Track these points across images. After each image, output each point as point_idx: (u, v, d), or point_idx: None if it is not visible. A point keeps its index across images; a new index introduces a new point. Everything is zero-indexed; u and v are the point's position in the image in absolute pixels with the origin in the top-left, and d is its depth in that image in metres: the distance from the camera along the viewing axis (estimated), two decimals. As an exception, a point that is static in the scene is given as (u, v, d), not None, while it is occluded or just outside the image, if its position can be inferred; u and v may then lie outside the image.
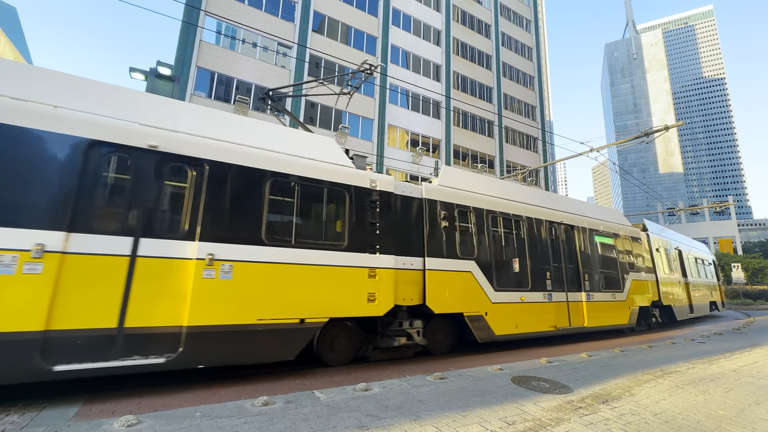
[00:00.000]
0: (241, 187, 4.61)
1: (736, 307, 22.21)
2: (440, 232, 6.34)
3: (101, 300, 3.65)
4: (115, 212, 3.92)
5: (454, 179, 7.08)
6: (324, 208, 5.28)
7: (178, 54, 18.62)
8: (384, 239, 5.61)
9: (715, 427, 3.09)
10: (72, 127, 3.81)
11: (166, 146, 4.25)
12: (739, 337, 8.79)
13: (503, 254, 7.22)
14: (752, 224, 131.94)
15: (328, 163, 5.50)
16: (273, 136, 5.27)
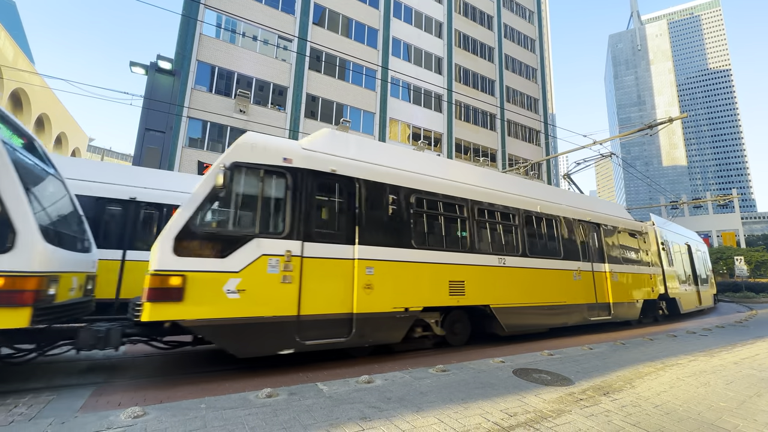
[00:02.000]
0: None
1: (738, 300, 22.20)
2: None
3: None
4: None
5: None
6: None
7: (178, 48, 18.53)
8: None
9: (716, 418, 3.11)
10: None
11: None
12: (741, 330, 8.80)
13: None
14: (756, 217, 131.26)
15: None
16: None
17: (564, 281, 8.04)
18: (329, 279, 4.97)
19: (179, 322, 3.98)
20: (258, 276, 4.45)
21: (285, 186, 4.94)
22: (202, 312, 4.07)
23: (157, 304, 3.86)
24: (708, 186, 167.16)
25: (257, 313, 4.36)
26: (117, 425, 2.57)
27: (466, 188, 6.90)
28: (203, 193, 4.40)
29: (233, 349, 4.21)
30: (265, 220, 4.73)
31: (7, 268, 3.25)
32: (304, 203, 4.98)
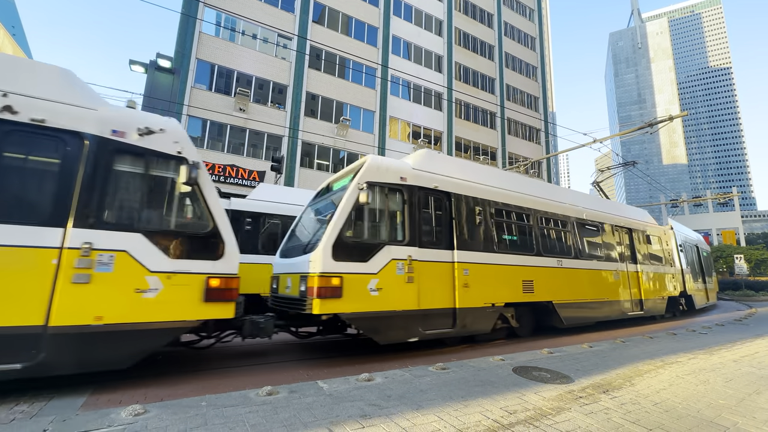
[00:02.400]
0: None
1: (738, 298, 22.22)
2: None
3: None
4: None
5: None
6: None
7: (178, 46, 18.49)
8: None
9: (715, 416, 3.12)
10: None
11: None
12: (740, 328, 8.81)
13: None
14: (756, 215, 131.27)
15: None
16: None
17: (607, 280, 9.04)
18: (437, 279, 5.89)
19: (340, 315, 4.91)
20: (390, 277, 5.39)
21: (402, 200, 5.87)
22: (355, 306, 5.02)
23: (324, 300, 4.77)
24: (708, 184, 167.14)
25: (391, 307, 5.30)
26: (118, 423, 2.58)
27: (532, 199, 7.92)
28: (349, 207, 5.27)
29: (377, 337, 5.18)
30: (391, 230, 5.72)
31: (222, 271, 4.25)
32: (416, 215, 5.92)
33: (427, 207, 6.17)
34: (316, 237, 5.41)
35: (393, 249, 5.52)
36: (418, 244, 5.79)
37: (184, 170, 4.11)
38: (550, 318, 7.76)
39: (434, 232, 6.14)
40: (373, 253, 5.33)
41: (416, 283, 5.59)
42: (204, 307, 4.11)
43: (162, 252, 4.01)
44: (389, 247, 5.49)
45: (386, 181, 5.78)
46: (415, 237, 5.78)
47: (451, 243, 6.22)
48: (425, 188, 6.16)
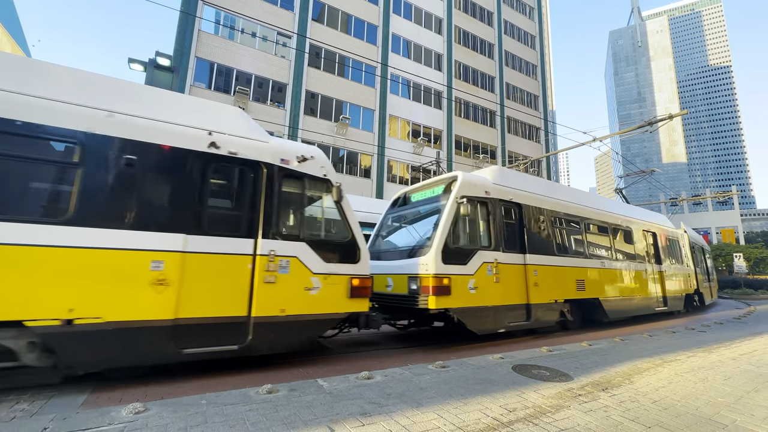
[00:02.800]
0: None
1: (737, 296, 22.27)
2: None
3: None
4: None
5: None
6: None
7: (177, 44, 18.45)
8: None
9: (714, 413, 3.13)
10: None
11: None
12: (739, 326, 8.83)
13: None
14: (755, 214, 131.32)
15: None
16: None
17: (639, 279, 10.09)
18: (515, 279, 6.85)
19: (450, 309, 5.83)
20: (483, 277, 6.33)
21: (487, 211, 6.82)
22: (459, 302, 5.95)
23: (438, 297, 5.69)
24: (708, 183, 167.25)
25: (485, 303, 6.29)
26: (118, 421, 2.58)
27: (581, 208, 9.04)
28: (451, 218, 6.18)
29: (474, 328, 6.15)
30: (481, 238, 6.65)
31: (359, 273, 5.19)
32: (498, 224, 6.87)
33: (505, 217, 7.15)
34: (420, 243, 6.41)
35: (483, 253, 6.52)
36: (501, 248, 6.82)
37: (331, 190, 5.24)
38: (595, 313, 8.75)
39: (511, 239, 7.14)
40: (470, 257, 6.31)
41: (501, 282, 6.62)
42: (349, 301, 5.10)
43: (320, 257, 4.93)
44: (481, 252, 6.48)
45: (475, 195, 6.72)
46: (498, 243, 6.80)
47: (524, 247, 7.24)
48: (503, 200, 7.17)
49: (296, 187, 4.99)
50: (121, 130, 3.98)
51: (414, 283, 6.00)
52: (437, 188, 7.03)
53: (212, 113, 4.70)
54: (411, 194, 7.80)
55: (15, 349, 3.40)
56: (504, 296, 6.59)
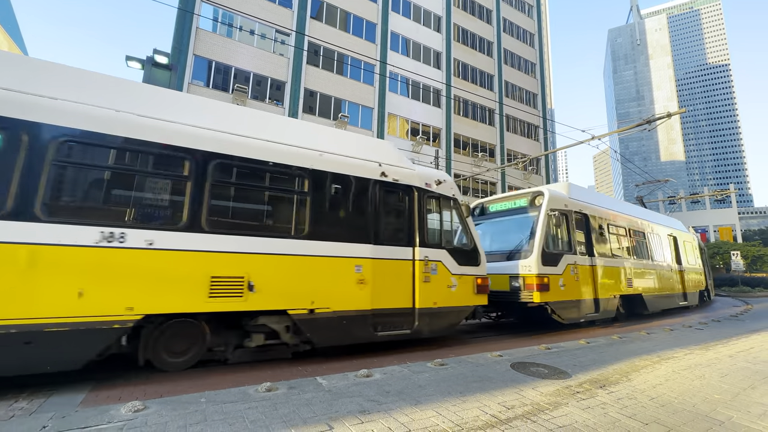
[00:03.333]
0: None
1: (734, 294, 22.37)
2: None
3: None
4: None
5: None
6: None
7: (175, 42, 18.36)
8: None
9: (710, 410, 3.15)
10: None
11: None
12: (736, 323, 8.88)
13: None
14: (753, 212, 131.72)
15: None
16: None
17: (667, 277, 11.70)
18: (587, 277, 8.34)
19: (548, 303, 7.25)
20: (567, 276, 7.79)
21: (567, 222, 8.24)
22: (555, 297, 7.40)
23: (541, 293, 7.12)
24: (706, 181, 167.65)
25: (571, 298, 7.80)
26: (118, 419, 2.58)
27: (627, 217, 10.62)
28: (545, 228, 7.59)
29: (564, 318, 7.62)
30: (564, 243, 8.06)
31: (481, 274, 6.52)
32: (574, 231, 8.29)
33: (577, 226, 8.55)
34: (518, 248, 7.78)
35: (567, 256, 7.93)
36: (578, 252, 8.29)
37: (458, 206, 6.55)
38: (637, 307, 10.19)
39: (582, 244, 8.61)
40: (558, 260, 7.71)
41: (579, 281, 8.08)
42: (475, 296, 6.40)
43: (455, 261, 6.20)
44: (565, 255, 7.89)
45: (559, 208, 8.13)
46: (575, 247, 8.22)
47: (591, 251, 8.69)
48: (576, 212, 8.59)
49: (436, 205, 6.32)
50: (329, 165, 5.23)
51: (516, 281, 7.37)
52: (520, 201, 8.48)
53: (375, 146, 6.03)
54: (489, 205, 9.18)
55: (278, 330, 4.72)
56: (582, 292, 8.11)
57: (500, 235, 8.46)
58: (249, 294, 4.36)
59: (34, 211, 3.43)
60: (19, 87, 3.59)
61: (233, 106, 5.10)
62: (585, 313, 8.09)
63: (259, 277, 4.46)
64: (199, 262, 4.13)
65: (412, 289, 5.63)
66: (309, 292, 4.76)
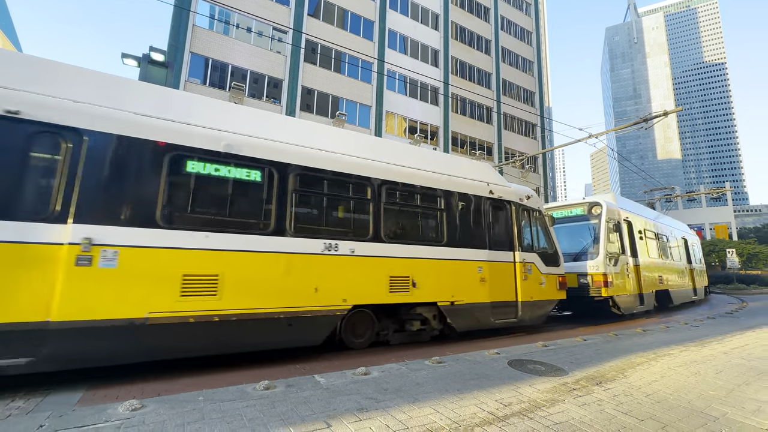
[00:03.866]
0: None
1: (729, 291, 22.54)
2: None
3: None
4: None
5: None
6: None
7: (171, 39, 18.24)
8: None
9: (705, 406, 3.18)
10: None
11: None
12: (731, 320, 8.95)
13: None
14: (748, 210, 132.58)
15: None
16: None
17: (684, 274, 13.77)
18: (635, 275, 10.01)
19: (613, 297, 8.80)
20: (623, 275, 9.36)
21: (618, 228, 9.73)
22: (615, 292, 8.87)
23: (606, 288, 8.61)
24: (702, 179, 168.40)
25: (626, 292, 9.38)
26: (115, 418, 2.58)
27: (656, 223, 12.51)
28: (606, 234, 9.14)
29: (622, 310, 9.11)
30: (618, 247, 9.53)
31: (561, 272, 7.87)
32: (624, 237, 9.88)
33: (625, 231, 10.05)
34: (584, 250, 9.30)
35: (621, 257, 9.41)
36: (628, 254, 9.86)
37: (542, 217, 7.91)
38: (665, 300, 11.82)
39: (629, 247, 10.05)
40: (617, 261, 9.22)
41: (631, 278, 9.70)
42: (558, 292, 7.70)
43: (543, 263, 7.49)
44: (620, 256, 9.39)
45: (613, 217, 9.62)
46: (626, 250, 9.77)
47: (635, 253, 10.23)
48: (624, 219, 10.12)
49: (527, 216, 7.59)
50: (456, 186, 6.51)
51: (584, 278, 8.82)
52: (577, 209, 9.94)
53: (481, 167, 7.38)
54: (550, 212, 10.01)
55: (428, 318, 6.08)
56: (633, 288, 9.71)
57: (564, 239, 9.61)
58: (413, 289, 5.64)
59: (288, 229, 4.75)
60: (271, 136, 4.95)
61: (343, 132, 6.08)
62: (636, 305, 9.74)
63: (419, 276, 5.73)
64: (382, 264, 5.42)
65: (514, 285, 6.92)
66: (450, 288, 6.06)
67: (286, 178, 4.80)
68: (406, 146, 6.67)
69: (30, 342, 3.32)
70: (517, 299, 6.85)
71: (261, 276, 4.46)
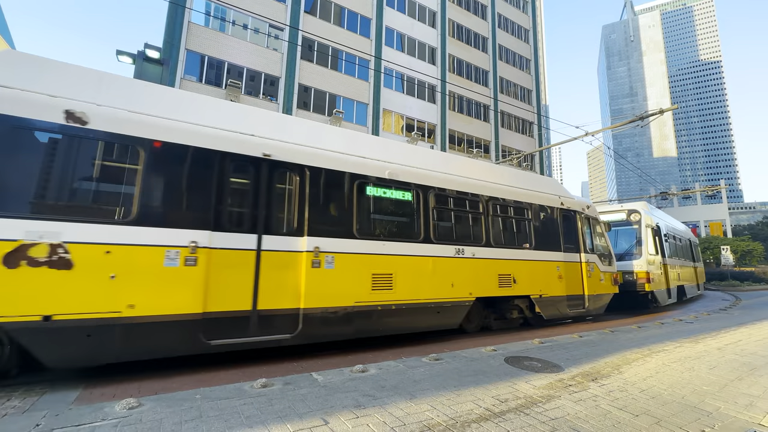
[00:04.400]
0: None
1: (724, 288, 22.75)
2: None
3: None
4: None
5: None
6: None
7: (166, 36, 18.08)
8: None
9: (699, 401, 3.22)
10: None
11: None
12: (725, 317, 9.04)
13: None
14: (743, 207, 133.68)
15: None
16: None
17: (693, 271, 15.84)
18: (664, 273, 11.57)
19: (653, 291, 10.43)
20: (658, 272, 11.00)
21: (654, 233, 11.34)
22: (654, 287, 10.48)
23: (648, 283, 10.29)
24: (697, 177, 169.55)
25: (660, 287, 10.94)
26: (112, 416, 2.58)
27: (676, 228, 14.64)
28: (647, 237, 10.79)
29: (659, 302, 10.87)
30: (654, 248, 11.15)
31: (614, 271, 9.39)
32: (659, 240, 11.67)
33: (656, 235, 11.57)
34: (628, 251, 10.87)
35: (657, 258, 11.09)
36: (659, 254, 11.44)
37: (599, 224, 9.34)
38: (680, 294, 13.31)
39: (662, 249, 11.76)
40: (655, 260, 10.90)
41: (663, 276, 11.39)
42: (613, 287, 9.15)
43: (601, 263, 8.88)
44: (656, 256, 11.09)
45: (650, 223, 11.22)
46: (659, 251, 11.42)
47: (664, 254, 11.86)
48: (656, 224, 11.67)
49: (587, 224, 8.92)
50: (539, 200, 7.94)
51: (630, 275, 10.42)
52: (617, 215, 11.55)
53: (551, 182, 8.83)
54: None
55: (523, 307, 7.43)
56: (664, 283, 11.34)
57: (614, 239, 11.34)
58: (514, 285, 6.97)
59: (432, 237, 6.07)
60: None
61: (461, 158, 7.53)
62: (667, 298, 11.46)
63: (517, 274, 7.08)
64: (493, 264, 6.78)
65: (581, 281, 8.33)
66: (538, 284, 7.40)
67: (428, 197, 6.16)
68: (502, 168, 8.05)
69: (291, 323, 4.61)
70: (584, 293, 8.30)
71: (418, 274, 5.79)
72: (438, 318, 5.99)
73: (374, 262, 5.38)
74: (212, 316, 4.11)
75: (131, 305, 3.71)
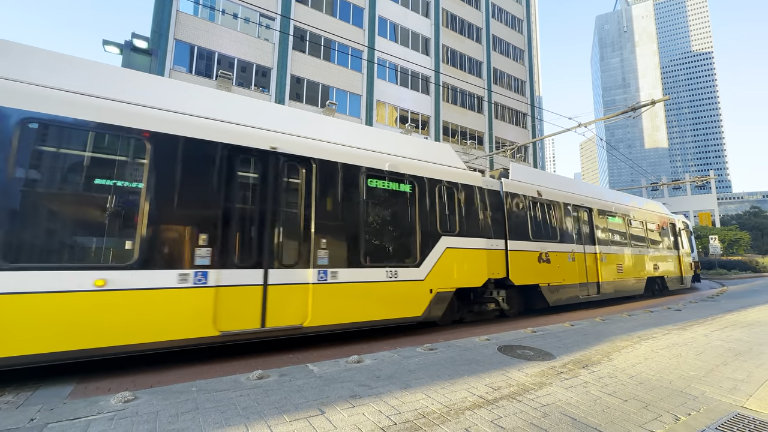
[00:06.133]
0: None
1: (711, 276, 23.25)
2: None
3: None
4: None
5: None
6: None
7: (154, 25, 17.66)
8: None
9: (685, 386, 3.31)
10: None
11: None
12: (711, 304, 9.26)
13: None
14: (731, 197, 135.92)
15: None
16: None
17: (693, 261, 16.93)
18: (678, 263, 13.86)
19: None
20: (686, 264, 14.33)
21: (677, 233, 13.91)
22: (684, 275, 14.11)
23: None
24: (687, 167, 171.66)
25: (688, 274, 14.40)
26: (108, 409, 2.58)
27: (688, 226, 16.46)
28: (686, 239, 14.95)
29: (687, 286, 14.41)
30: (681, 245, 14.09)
31: (693, 261, 16.01)
32: (684, 240, 14.62)
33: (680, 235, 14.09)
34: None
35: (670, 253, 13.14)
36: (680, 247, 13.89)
37: (691, 233, 16.20)
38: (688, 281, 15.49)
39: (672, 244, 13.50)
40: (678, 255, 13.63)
41: (684, 266, 13.82)
42: (692, 272, 15.20)
43: (687, 256, 14.41)
44: (678, 252, 13.55)
45: (679, 226, 14.10)
46: (679, 246, 13.71)
47: (682, 246, 14.30)
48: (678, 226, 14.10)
49: (683, 233, 14.08)
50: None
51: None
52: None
53: (658, 205, 13.12)
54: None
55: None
56: (687, 271, 13.97)
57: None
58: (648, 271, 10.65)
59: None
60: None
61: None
62: (687, 283, 14.03)
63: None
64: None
65: (680, 269, 13.38)
66: (654, 272, 11.43)
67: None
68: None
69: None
70: (681, 275, 13.35)
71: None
72: (632, 289, 10.63)
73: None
74: None
75: None
